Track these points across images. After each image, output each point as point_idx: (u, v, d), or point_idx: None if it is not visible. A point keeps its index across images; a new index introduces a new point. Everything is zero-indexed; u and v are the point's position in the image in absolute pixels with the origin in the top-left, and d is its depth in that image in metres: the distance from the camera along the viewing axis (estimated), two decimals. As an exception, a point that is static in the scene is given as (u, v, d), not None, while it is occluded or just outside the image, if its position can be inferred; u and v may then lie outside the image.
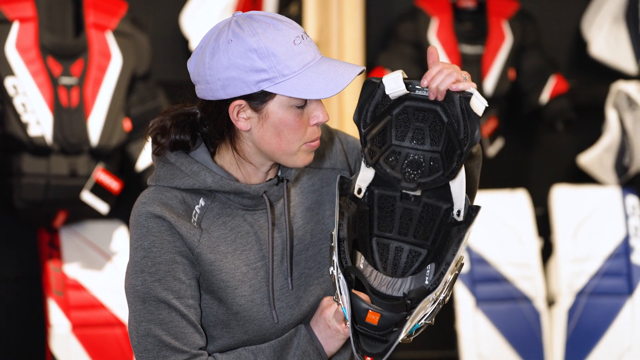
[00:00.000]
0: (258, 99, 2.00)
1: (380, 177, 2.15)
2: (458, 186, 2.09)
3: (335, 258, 2.04)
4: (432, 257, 2.14)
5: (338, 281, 2.03)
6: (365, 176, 2.15)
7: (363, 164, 2.14)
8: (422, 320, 2.03)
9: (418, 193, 2.14)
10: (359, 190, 2.16)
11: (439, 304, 2.03)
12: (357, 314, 2.01)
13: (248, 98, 2.00)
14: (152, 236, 2.04)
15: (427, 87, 2.06)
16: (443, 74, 2.04)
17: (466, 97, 2.03)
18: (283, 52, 1.97)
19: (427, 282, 2.10)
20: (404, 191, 2.14)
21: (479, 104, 2.03)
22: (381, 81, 2.08)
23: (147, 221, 2.04)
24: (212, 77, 2.00)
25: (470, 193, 2.15)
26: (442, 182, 2.09)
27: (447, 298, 2.05)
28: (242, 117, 2.03)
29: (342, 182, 2.14)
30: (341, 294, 2.03)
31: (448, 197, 2.12)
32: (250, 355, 2.10)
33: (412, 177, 2.12)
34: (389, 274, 2.16)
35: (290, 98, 2.00)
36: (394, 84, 2.08)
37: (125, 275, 2.08)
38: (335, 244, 2.05)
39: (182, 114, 2.10)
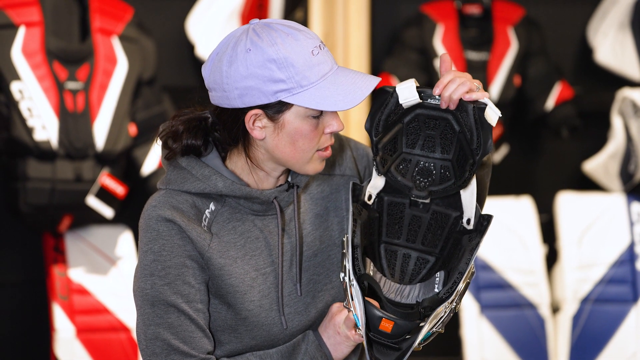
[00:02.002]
0: (275, 109, 2.00)
1: (390, 184, 2.15)
2: (469, 195, 2.09)
3: (348, 265, 2.04)
4: (440, 265, 2.14)
5: (351, 288, 2.03)
6: (376, 184, 2.15)
7: (374, 172, 2.14)
8: (433, 329, 2.02)
9: (427, 201, 2.14)
10: (369, 197, 2.16)
11: (450, 312, 2.03)
12: (370, 322, 2.00)
13: (265, 107, 2.00)
14: (162, 240, 2.03)
15: (439, 96, 2.06)
16: (456, 83, 2.03)
17: (480, 107, 2.03)
18: (302, 62, 1.97)
19: (436, 290, 2.10)
20: (413, 199, 2.14)
21: (493, 115, 2.03)
22: (394, 90, 2.08)
23: (157, 224, 2.04)
24: (229, 86, 1.99)
25: (480, 201, 2.15)
26: (454, 190, 2.09)
27: (458, 306, 2.05)
28: (257, 126, 2.02)
29: (354, 188, 2.14)
30: (353, 301, 2.02)
31: (458, 205, 2.12)
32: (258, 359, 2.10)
33: (423, 185, 2.12)
34: (396, 280, 2.16)
35: (307, 108, 2.00)
36: (407, 93, 2.07)
37: (134, 279, 2.08)
38: (348, 250, 2.05)
39: (193, 118, 2.10)
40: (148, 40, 4.41)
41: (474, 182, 2.08)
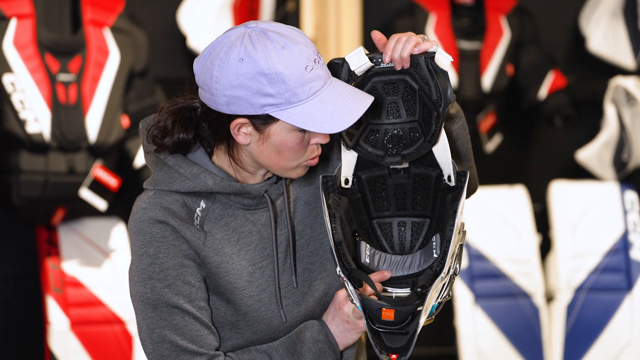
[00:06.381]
0: (261, 120, 1.98)
1: (364, 159, 2.14)
2: (442, 150, 2.09)
3: (337, 261, 2.03)
4: (435, 226, 2.14)
5: (346, 284, 2.03)
6: (347, 161, 2.14)
7: (343, 149, 2.13)
8: (439, 299, 2.02)
9: (405, 165, 2.13)
10: (346, 181, 2.15)
11: (451, 278, 2.03)
12: (372, 315, 1.99)
13: (251, 117, 1.98)
14: (157, 242, 2.01)
15: (390, 62, 2.06)
16: (402, 42, 2.04)
17: (430, 56, 2.04)
18: (294, 79, 1.93)
19: (435, 255, 2.09)
20: (391, 166, 2.13)
21: (444, 59, 2.04)
22: (344, 60, 2.07)
23: (149, 227, 2.01)
24: (217, 92, 1.96)
25: (466, 158, 2.16)
26: (426, 148, 2.08)
27: (459, 269, 2.05)
28: (242, 132, 2.00)
29: (326, 180, 2.13)
30: (352, 296, 2.02)
31: (435, 164, 2.12)
32: (265, 356, 2.09)
33: (395, 151, 2.11)
34: (397, 252, 2.15)
35: None
36: (357, 58, 2.07)
37: (131, 283, 2.05)
38: (333, 248, 2.04)
39: (184, 108, 2.07)
40: (140, 31, 4.40)
41: (444, 136, 2.07)
